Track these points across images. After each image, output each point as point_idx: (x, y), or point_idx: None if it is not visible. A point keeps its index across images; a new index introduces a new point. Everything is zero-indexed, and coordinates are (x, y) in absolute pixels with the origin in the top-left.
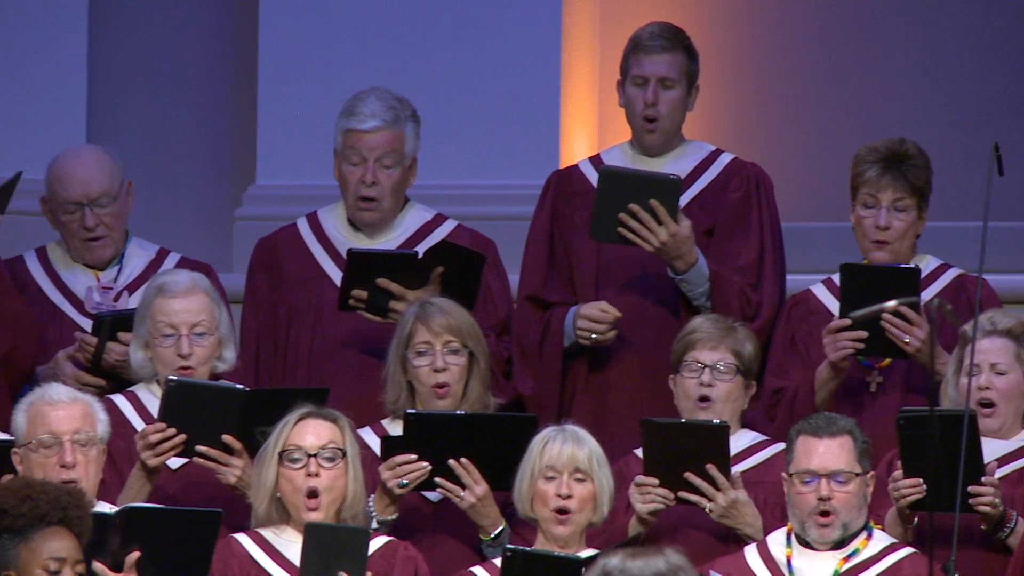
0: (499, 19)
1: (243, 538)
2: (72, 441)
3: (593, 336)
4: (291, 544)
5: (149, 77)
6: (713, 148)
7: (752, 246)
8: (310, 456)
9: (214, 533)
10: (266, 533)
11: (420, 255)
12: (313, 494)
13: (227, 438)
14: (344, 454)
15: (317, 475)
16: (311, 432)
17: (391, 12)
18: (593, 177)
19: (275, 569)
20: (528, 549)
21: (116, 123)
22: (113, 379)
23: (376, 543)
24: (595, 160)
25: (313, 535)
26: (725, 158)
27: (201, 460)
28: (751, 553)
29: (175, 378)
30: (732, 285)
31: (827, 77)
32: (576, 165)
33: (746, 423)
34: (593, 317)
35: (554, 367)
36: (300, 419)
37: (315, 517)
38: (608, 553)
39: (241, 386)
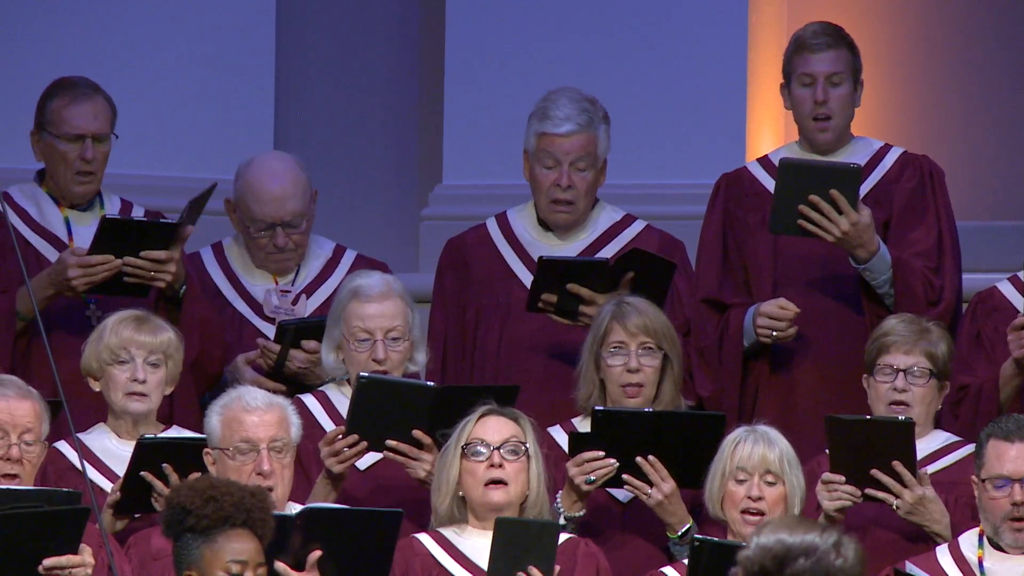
0: (686, 18)
1: (425, 538)
2: (268, 448)
3: (774, 333)
4: (472, 543)
5: (336, 78)
6: (882, 143)
7: (930, 232)
8: (493, 449)
9: (395, 533)
10: (447, 532)
11: (610, 262)
12: (496, 482)
13: (417, 433)
14: (526, 450)
15: (501, 466)
16: (493, 427)
17: (578, 11)
18: (763, 178)
19: (457, 569)
20: (716, 539)
21: (303, 124)
22: (293, 385)
23: (557, 521)
24: (763, 161)
25: (503, 529)
26: (896, 152)
27: (391, 455)
28: (943, 554)
29: (366, 374)
30: (914, 270)
31: (1004, 73)
32: (745, 167)
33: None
34: (773, 314)
35: (734, 368)
36: (482, 416)
37: (499, 498)
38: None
39: (431, 383)
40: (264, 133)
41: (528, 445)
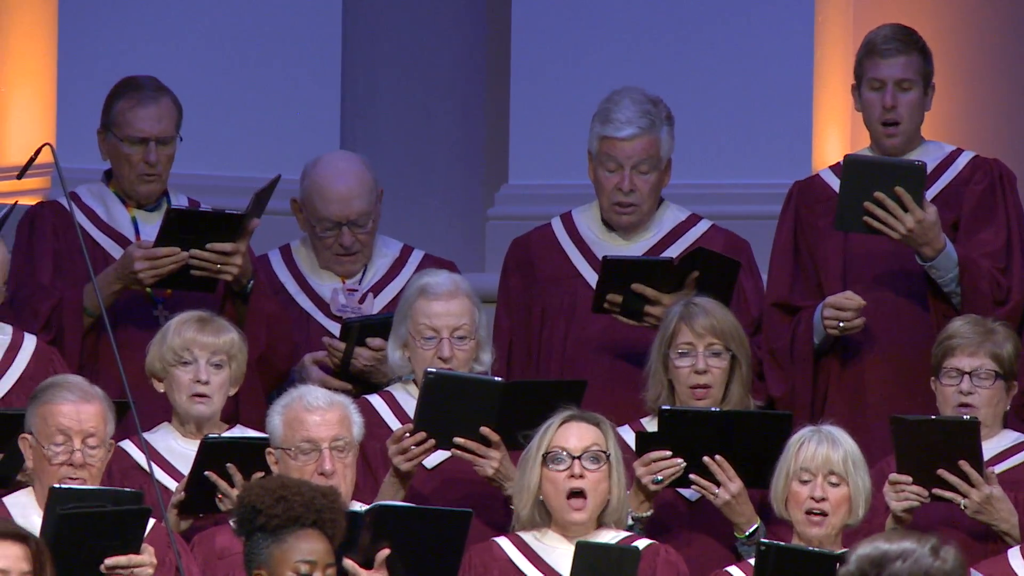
0: (752, 17)
1: (504, 542)
2: (330, 448)
3: (841, 324)
4: (552, 549)
5: (403, 77)
6: (953, 147)
7: (999, 233)
8: (574, 458)
9: (464, 533)
10: (527, 537)
11: (675, 261)
12: (577, 495)
13: (485, 430)
14: (608, 457)
15: (581, 476)
16: (575, 434)
17: (644, 10)
18: (835, 184)
19: (535, 574)
20: (782, 544)
21: (369, 124)
22: (360, 383)
23: (638, 545)
24: (836, 168)
25: (583, 554)
26: (966, 155)
27: (459, 452)
28: (1015, 557)
29: (434, 370)
30: (981, 269)
31: None
32: (818, 174)
33: None
34: (839, 305)
35: (806, 367)
36: (564, 421)
37: (579, 518)
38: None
39: (499, 378)
40: (330, 132)
41: (610, 452)
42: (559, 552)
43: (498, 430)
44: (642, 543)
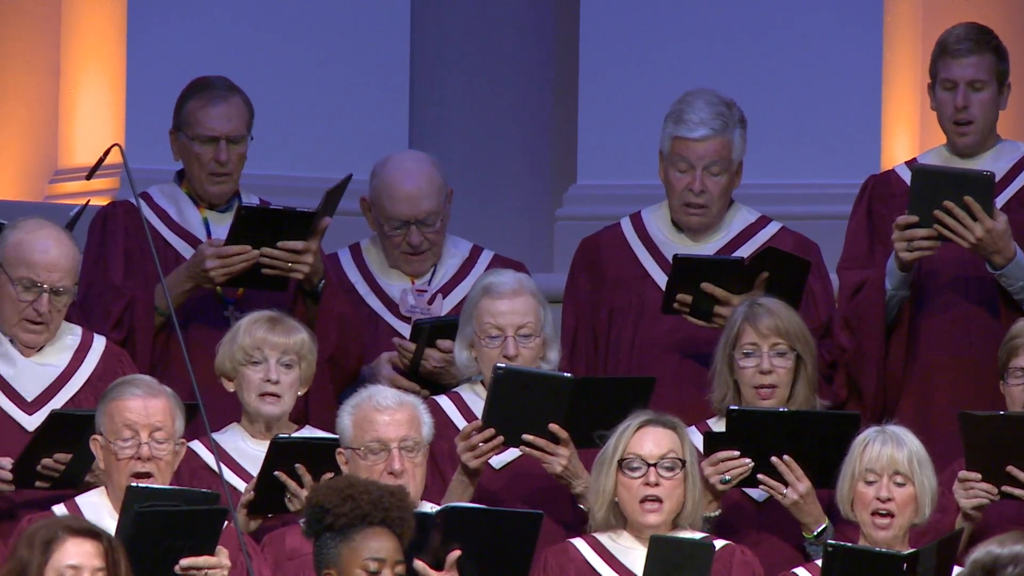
0: (822, 17)
1: (580, 543)
2: (400, 448)
3: (912, 243)
4: (628, 550)
5: (471, 78)
6: None
7: None
8: (649, 465)
9: (535, 534)
10: (603, 539)
11: (745, 261)
12: (651, 500)
13: (554, 427)
14: (683, 463)
15: (657, 484)
16: (651, 440)
17: (713, 10)
18: (909, 180)
19: (611, 575)
20: (850, 544)
21: (438, 124)
22: (430, 385)
23: (712, 542)
24: (911, 164)
25: (658, 547)
26: None
27: (527, 449)
28: None
29: (503, 365)
30: None
31: None
32: (892, 169)
33: None
34: (903, 224)
35: (875, 331)
36: (640, 427)
37: (653, 520)
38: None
39: (569, 374)
40: (399, 133)
41: (685, 459)
42: (635, 553)
43: (567, 427)
44: (718, 543)
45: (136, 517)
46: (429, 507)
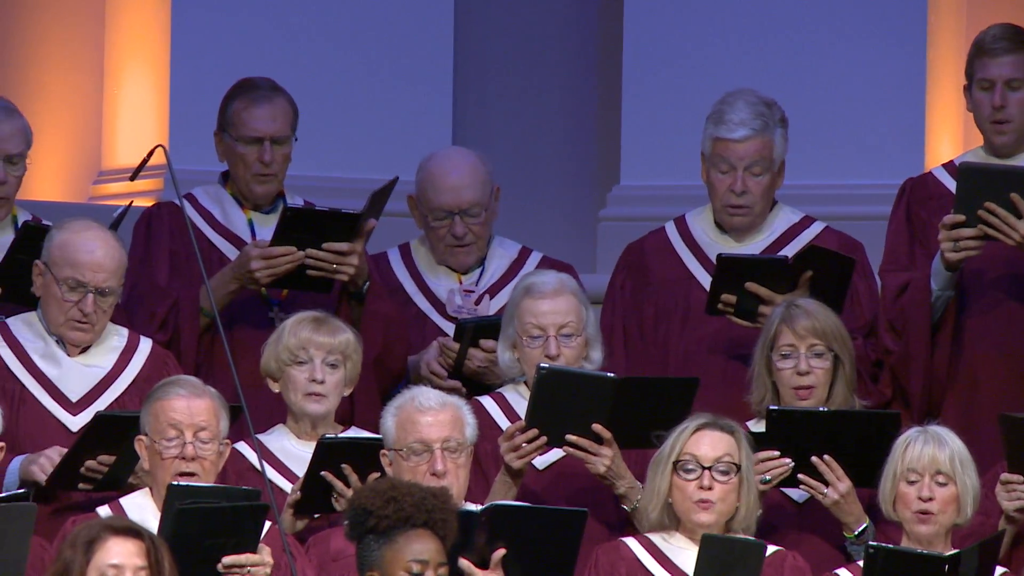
0: (865, 18)
1: (631, 542)
2: (442, 449)
3: (958, 243)
4: (681, 551)
5: (514, 79)
6: None
7: None
8: (704, 468)
9: (579, 532)
10: (655, 538)
11: (789, 260)
12: (705, 502)
13: (597, 427)
14: (738, 468)
15: (711, 488)
16: (707, 443)
17: (756, 11)
18: (947, 182)
19: (663, 574)
20: (891, 546)
21: (481, 125)
22: (474, 385)
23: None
24: (948, 166)
25: (709, 547)
26: None
27: (571, 449)
28: None
29: (546, 365)
30: None
31: None
32: (930, 172)
33: None
34: (949, 223)
35: (921, 330)
36: (698, 428)
37: (706, 519)
38: None
39: (612, 374)
40: (443, 134)
41: (741, 463)
42: (686, 554)
43: (610, 427)
44: (770, 549)
45: (177, 514)
46: (474, 508)
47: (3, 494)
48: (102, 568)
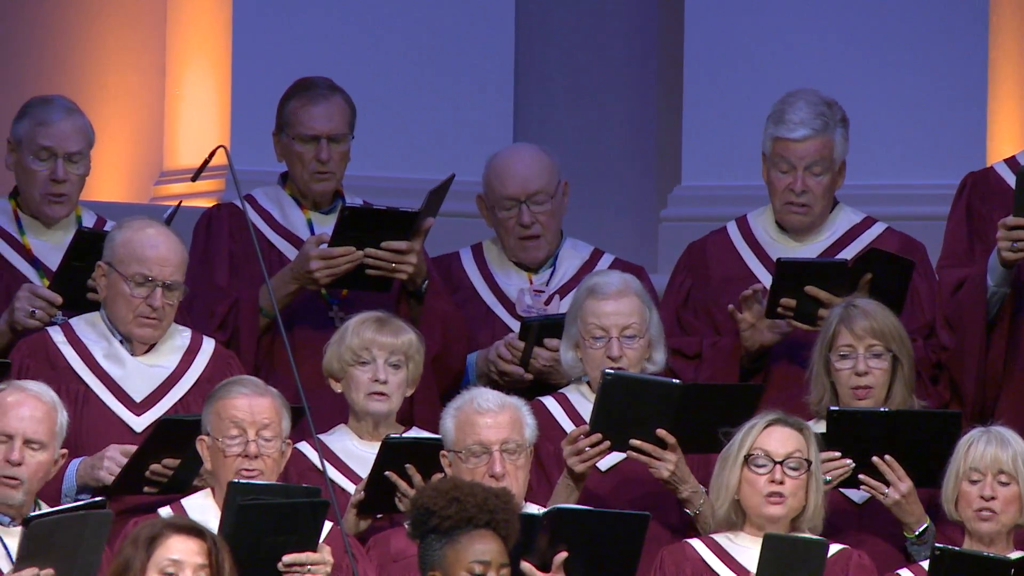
0: (927, 18)
1: (696, 543)
2: (501, 451)
3: (1015, 244)
4: (745, 550)
5: (575, 79)
6: None
7: None
8: (776, 463)
9: (641, 536)
10: (720, 539)
11: (849, 263)
12: (776, 497)
13: (661, 432)
14: (809, 465)
15: (781, 483)
16: (778, 439)
17: (817, 11)
18: (1009, 178)
19: (728, 574)
20: (957, 548)
21: (542, 125)
22: (539, 385)
23: (830, 550)
24: (1010, 162)
25: (771, 546)
26: None
27: (634, 454)
28: None
29: (612, 371)
30: None
31: None
32: (992, 167)
33: None
34: (1010, 224)
35: (976, 328)
36: (768, 424)
37: (776, 512)
38: None
39: (677, 380)
40: (503, 133)
41: (811, 460)
42: (751, 553)
43: (674, 431)
44: (835, 548)
45: (238, 510)
46: (535, 509)
47: (81, 501)
48: (162, 564)
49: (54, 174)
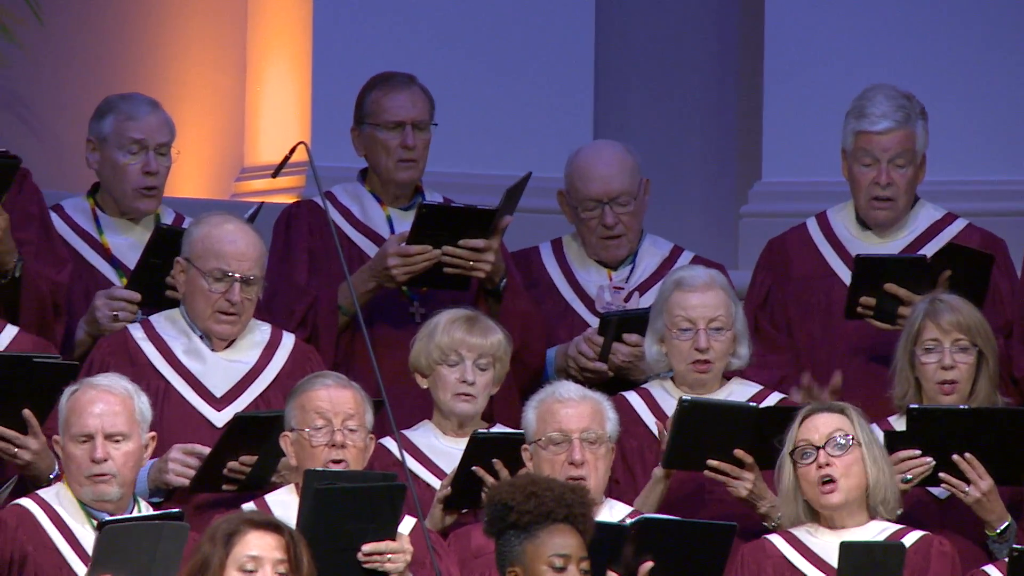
0: (1003, 13)
1: (777, 539)
2: (581, 439)
3: None
4: (826, 544)
5: (655, 76)
6: None
7: None
8: (818, 448)
9: (727, 546)
10: (799, 533)
11: (928, 259)
12: (828, 482)
13: (739, 452)
14: (853, 440)
15: (828, 464)
16: (815, 425)
17: (895, 7)
18: None
19: (811, 570)
20: None
21: (622, 123)
22: (620, 381)
23: (910, 538)
24: None
25: (848, 553)
26: None
27: (712, 474)
28: None
29: (688, 398)
30: None
31: None
32: None
33: None
34: None
35: None
36: (805, 416)
37: (834, 500)
38: None
39: (754, 404)
40: (583, 131)
41: (855, 435)
42: (831, 545)
43: (753, 450)
44: (915, 535)
45: (315, 495)
46: (618, 505)
47: (159, 511)
48: (241, 560)
49: (147, 166)
